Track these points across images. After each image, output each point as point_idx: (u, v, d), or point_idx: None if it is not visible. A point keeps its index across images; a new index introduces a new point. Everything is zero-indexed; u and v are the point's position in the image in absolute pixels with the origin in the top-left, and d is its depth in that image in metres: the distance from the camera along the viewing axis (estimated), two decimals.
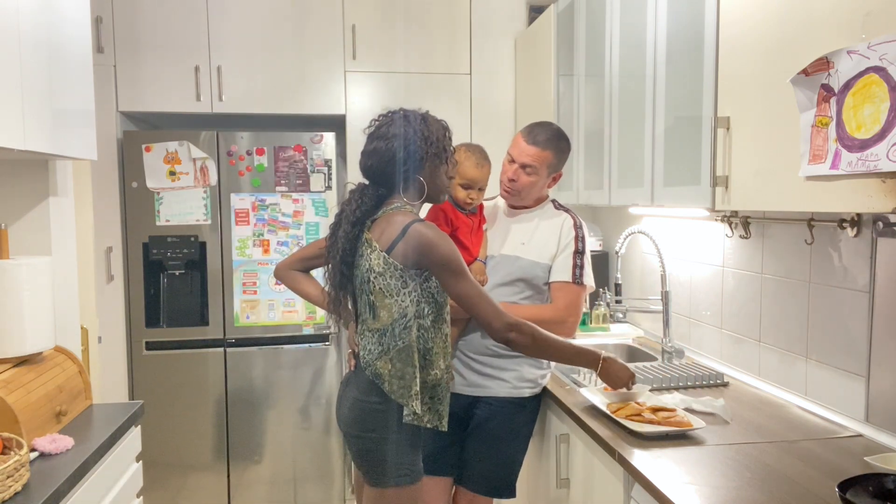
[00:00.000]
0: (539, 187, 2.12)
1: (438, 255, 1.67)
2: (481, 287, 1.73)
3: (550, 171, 2.10)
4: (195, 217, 3.16)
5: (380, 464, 1.72)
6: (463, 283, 1.69)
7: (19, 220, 2.01)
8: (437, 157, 1.77)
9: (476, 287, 1.71)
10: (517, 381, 2.10)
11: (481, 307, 1.71)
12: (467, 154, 2.06)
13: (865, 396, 1.71)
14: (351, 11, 3.27)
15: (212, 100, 3.18)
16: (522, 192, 2.11)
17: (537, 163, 2.06)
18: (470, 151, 2.06)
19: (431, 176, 1.78)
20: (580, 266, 2.08)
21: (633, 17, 2.22)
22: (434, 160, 1.77)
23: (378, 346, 1.72)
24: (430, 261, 1.68)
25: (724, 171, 1.69)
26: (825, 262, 1.83)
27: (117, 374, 3.13)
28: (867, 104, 1.20)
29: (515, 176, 2.08)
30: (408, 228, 1.67)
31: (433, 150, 1.75)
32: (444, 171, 1.80)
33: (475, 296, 1.70)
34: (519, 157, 2.07)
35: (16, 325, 1.74)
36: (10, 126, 1.56)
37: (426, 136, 1.74)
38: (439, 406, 1.78)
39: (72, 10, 1.96)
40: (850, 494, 1.23)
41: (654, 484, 1.43)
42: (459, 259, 1.69)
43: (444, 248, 1.67)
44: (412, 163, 1.74)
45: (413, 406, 1.70)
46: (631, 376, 1.89)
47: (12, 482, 1.37)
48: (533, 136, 2.07)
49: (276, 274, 2.06)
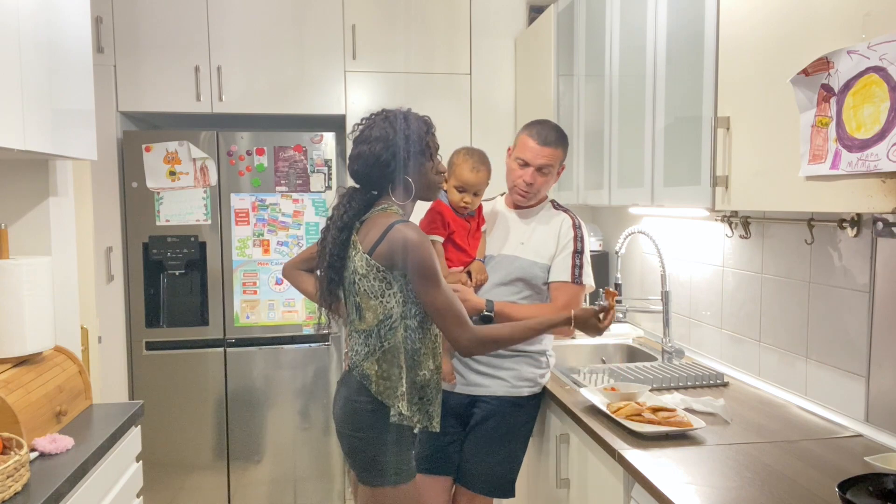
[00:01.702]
0: (551, 184, 2.15)
1: (414, 257, 1.65)
2: (453, 300, 1.69)
3: (559, 167, 2.14)
4: (195, 217, 3.16)
5: (370, 463, 1.72)
6: (434, 291, 1.67)
7: (19, 220, 2.01)
8: (422, 155, 1.76)
9: (447, 299, 1.68)
10: (516, 379, 2.10)
11: (448, 319, 1.69)
12: (465, 157, 2.06)
13: (865, 396, 1.71)
14: (351, 11, 3.27)
15: (212, 100, 3.18)
16: (539, 192, 2.14)
17: (553, 162, 2.09)
18: (468, 155, 2.07)
19: (418, 174, 1.77)
20: (579, 266, 2.08)
21: (633, 17, 2.22)
22: (418, 158, 1.76)
23: (364, 348, 1.73)
24: (406, 262, 1.67)
25: (724, 171, 1.69)
26: (825, 262, 1.83)
27: (117, 374, 3.13)
28: (867, 104, 1.20)
29: (533, 179, 2.09)
30: (389, 229, 1.67)
31: (416, 148, 1.75)
32: (430, 167, 1.79)
33: (443, 307, 1.68)
34: (535, 160, 2.07)
35: (16, 325, 1.74)
36: (10, 126, 1.56)
37: (408, 134, 1.74)
38: (429, 406, 1.78)
39: (72, 10, 1.96)
40: (850, 494, 1.22)
41: (654, 484, 1.43)
42: (435, 266, 1.67)
43: (421, 252, 1.65)
44: (397, 163, 1.73)
45: (399, 407, 1.70)
46: (597, 312, 1.89)
47: (12, 482, 1.37)
48: (543, 136, 2.08)
49: (283, 273, 2.08)
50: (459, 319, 1.70)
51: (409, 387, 1.73)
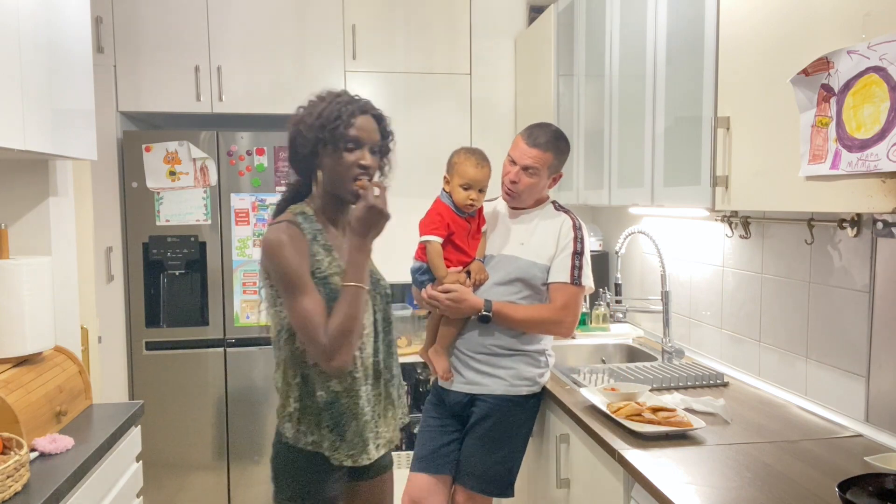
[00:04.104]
0: (539, 189, 2.13)
1: (269, 262, 1.52)
2: (309, 314, 1.48)
3: (551, 172, 2.12)
4: (195, 217, 3.16)
5: (273, 479, 1.64)
6: (287, 299, 1.51)
7: (19, 220, 2.01)
8: (332, 144, 1.53)
9: (302, 312, 1.48)
10: (514, 378, 2.10)
11: (301, 333, 1.51)
12: (467, 155, 2.07)
13: (865, 396, 1.71)
14: (351, 11, 3.27)
15: (212, 100, 3.18)
16: (523, 194, 2.12)
17: (539, 164, 2.07)
18: (469, 153, 2.08)
19: (329, 166, 1.56)
20: (578, 267, 2.08)
21: (633, 17, 2.22)
22: (326, 147, 1.54)
23: (274, 359, 1.63)
24: (269, 268, 1.53)
25: (724, 171, 1.69)
26: (825, 262, 1.83)
27: (117, 374, 3.13)
28: (867, 104, 1.20)
29: (517, 178, 2.08)
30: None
31: (324, 136, 1.53)
32: (342, 162, 1.54)
33: (297, 320, 1.49)
34: (520, 159, 2.07)
35: (16, 325, 1.75)
36: (10, 126, 1.56)
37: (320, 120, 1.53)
38: (345, 431, 1.55)
39: (72, 10, 1.96)
40: (850, 494, 1.22)
41: (654, 484, 1.43)
42: (293, 273, 1.50)
43: (273, 257, 1.51)
44: (305, 152, 1.57)
45: (284, 429, 1.58)
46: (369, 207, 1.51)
47: (12, 482, 1.37)
48: (533, 137, 2.08)
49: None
50: (309, 336, 1.48)
51: (303, 408, 1.57)
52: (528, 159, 2.07)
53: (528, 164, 2.07)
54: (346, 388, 1.56)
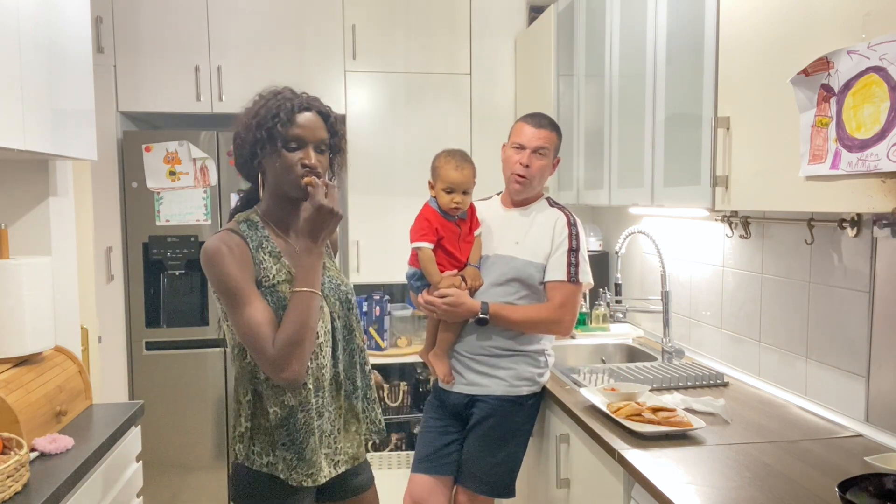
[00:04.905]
0: (547, 173, 2.15)
1: (211, 274, 1.43)
2: (256, 323, 1.40)
3: (555, 154, 2.15)
4: (195, 217, 3.16)
5: (233, 500, 1.56)
6: (232, 312, 1.43)
7: (19, 220, 2.01)
8: (271, 144, 1.45)
9: (246, 323, 1.40)
10: (514, 379, 2.10)
11: (247, 345, 1.43)
12: (447, 158, 2.06)
13: (865, 396, 1.71)
14: (351, 11, 3.27)
15: (212, 100, 3.18)
16: (535, 179, 2.12)
17: (549, 144, 2.10)
18: (449, 156, 2.07)
19: (271, 167, 1.48)
20: (574, 264, 2.08)
21: (633, 17, 2.22)
22: (265, 147, 1.45)
23: (234, 375, 1.55)
24: (209, 280, 1.45)
25: (724, 171, 1.69)
26: (825, 262, 1.83)
27: (117, 374, 3.13)
28: (867, 104, 1.20)
29: (529, 161, 2.09)
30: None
31: (262, 135, 1.45)
32: (280, 161, 1.45)
33: (241, 332, 1.42)
34: (530, 142, 2.08)
35: (16, 325, 1.74)
36: (10, 126, 1.56)
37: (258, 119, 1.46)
38: (303, 449, 1.47)
39: (72, 10, 1.96)
40: (850, 494, 1.22)
41: (654, 484, 1.43)
42: (232, 283, 1.41)
43: (210, 268, 1.43)
44: (246, 154, 1.49)
45: (236, 449, 1.50)
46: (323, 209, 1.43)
47: (12, 482, 1.37)
48: (537, 120, 2.11)
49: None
50: (255, 347, 1.41)
51: (255, 427, 1.50)
52: (538, 140, 2.08)
53: (539, 144, 2.08)
54: (301, 400, 1.47)
